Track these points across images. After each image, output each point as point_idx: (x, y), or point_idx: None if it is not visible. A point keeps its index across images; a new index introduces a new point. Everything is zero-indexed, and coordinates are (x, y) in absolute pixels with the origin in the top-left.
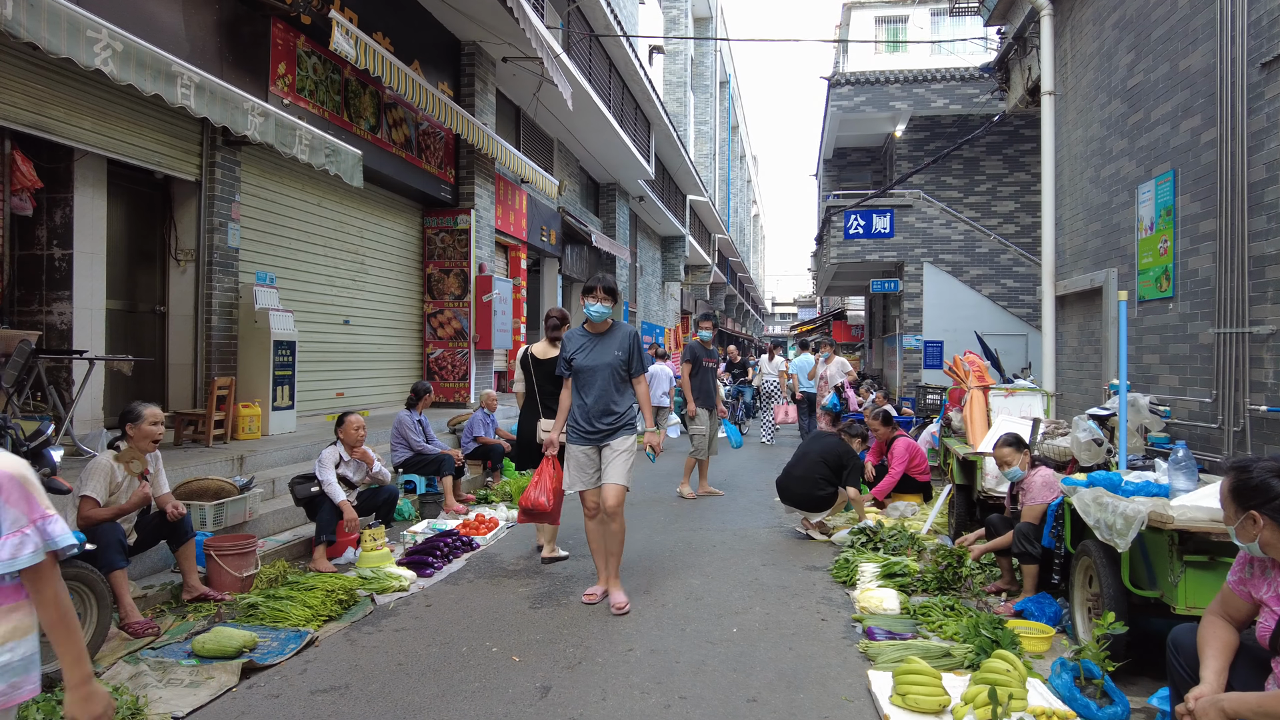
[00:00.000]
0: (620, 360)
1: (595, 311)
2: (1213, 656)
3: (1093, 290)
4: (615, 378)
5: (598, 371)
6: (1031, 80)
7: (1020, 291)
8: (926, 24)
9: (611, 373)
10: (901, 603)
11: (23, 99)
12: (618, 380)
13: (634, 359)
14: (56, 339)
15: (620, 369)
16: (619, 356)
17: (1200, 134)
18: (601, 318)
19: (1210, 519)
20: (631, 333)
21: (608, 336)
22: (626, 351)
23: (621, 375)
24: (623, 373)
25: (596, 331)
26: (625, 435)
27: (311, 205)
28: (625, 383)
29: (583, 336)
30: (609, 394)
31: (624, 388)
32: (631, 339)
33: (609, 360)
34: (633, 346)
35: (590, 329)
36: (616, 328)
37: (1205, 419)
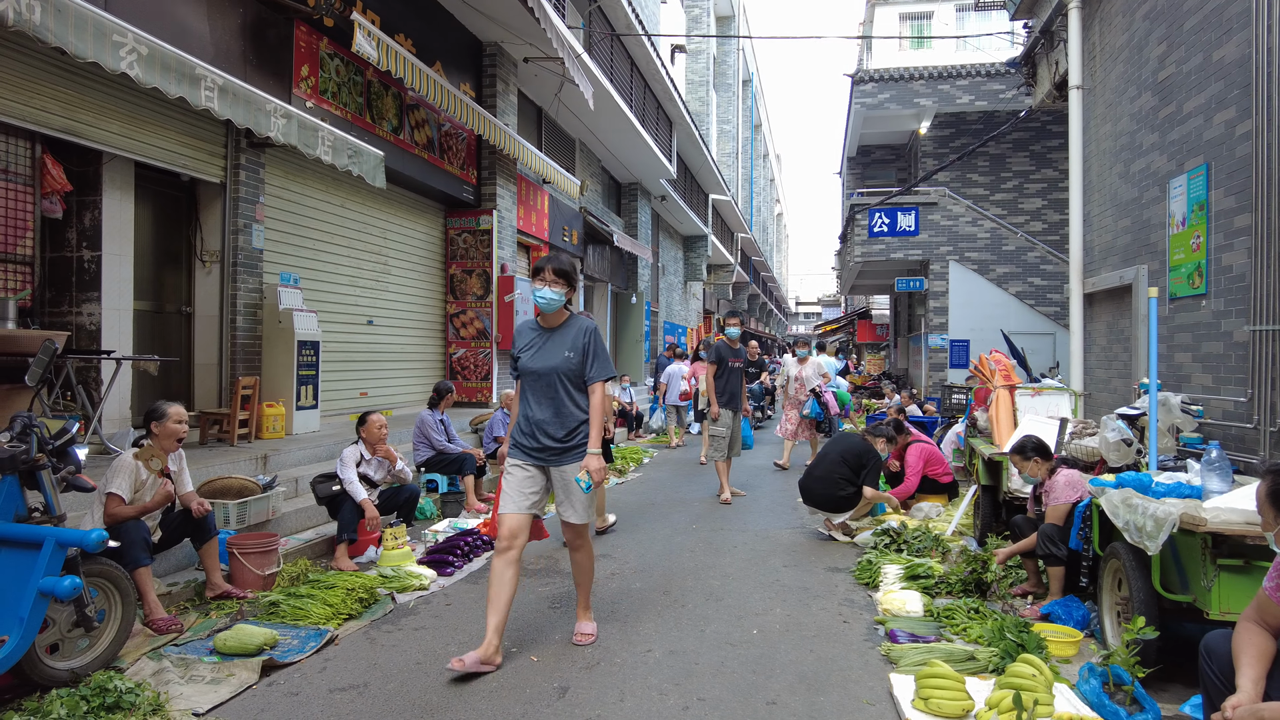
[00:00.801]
0: (572, 364)
1: (543, 298)
2: (1249, 664)
3: (1122, 288)
4: (567, 384)
5: (543, 376)
6: (1059, 75)
7: (1048, 290)
8: (951, 20)
9: (560, 378)
10: (925, 605)
11: (53, 104)
12: (569, 387)
13: (591, 360)
14: (86, 339)
15: (571, 373)
16: (570, 359)
17: (1235, 126)
18: (551, 306)
19: (1245, 522)
20: (588, 328)
21: (560, 332)
22: (581, 351)
23: (574, 381)
24: (574, 378)
25: (548, 325)
26: (582, 460)
27: (335, 206)
28: (583, 390)
29: (532, 331)
30: (559, 404)
31: (582, 397)
32: (588, 336)
33: (557, 363)
34: (589, 345)
35: (542, 322)
36: (572, 322)
37: (1240, 419)
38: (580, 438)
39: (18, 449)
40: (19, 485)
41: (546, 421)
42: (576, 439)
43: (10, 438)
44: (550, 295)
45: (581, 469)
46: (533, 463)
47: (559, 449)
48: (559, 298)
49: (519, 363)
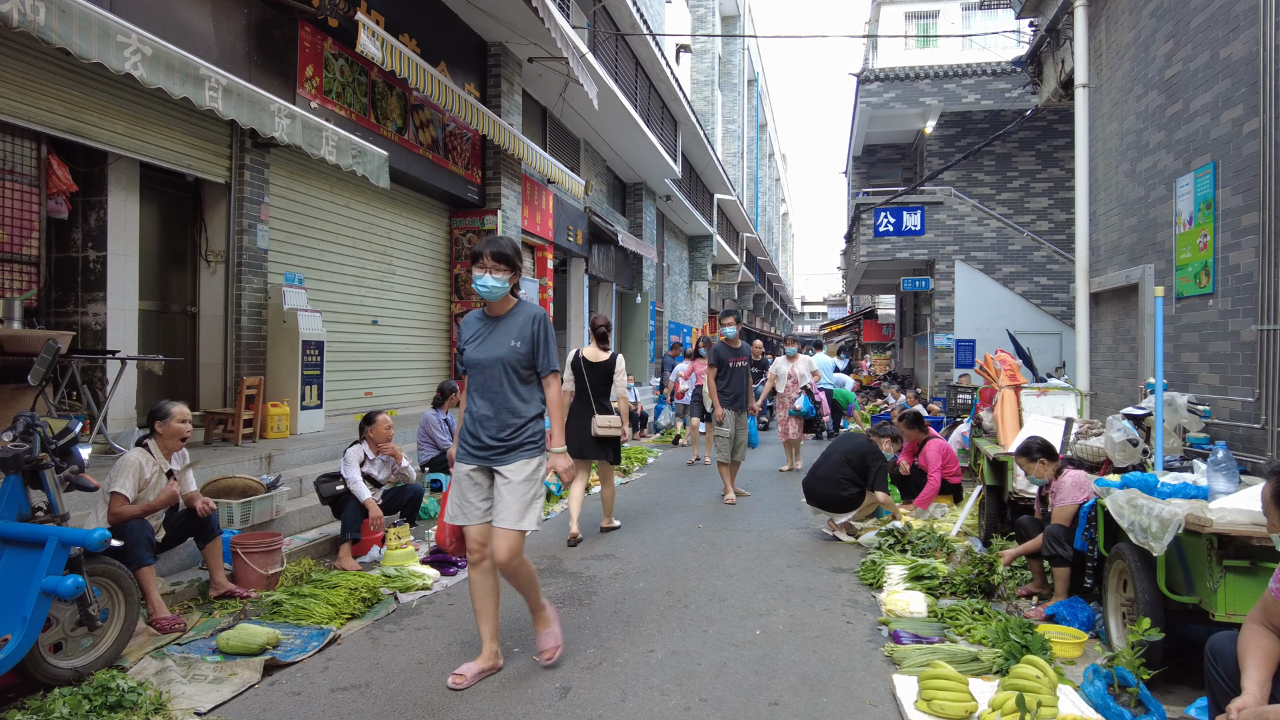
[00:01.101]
0: (519, 353)
1: (483, 287)
2: (1255, 666)
3: (1128, 287)
4: (511, 376)
5: (487, 368)
6: (1065, 73)
7: (1054, 289)
8: (958, 19)
9: (505, 369)
10: (929, 605)
11: (58, 104)
12: (515, 379)
13: (540, 351)
14: (91, 339)
15: (519, 365)
16: (516, 348)
17: (1242, 124)
18: (494, 295)
19: (1252, 522)
20: (536, 316)
21: (506, 321)
22: (528, 341)
23: (521, 373)
24: (521, 370)
25: (494, 314)
26: (526, 457)
27: (339, 206)
28: (529, 383)
29: (478, 321)
30: (503, 398)
31: (527, 391)
32: (537, 324)
33: (502, 353)
34: (538, 334)
35: (488, 311)
36: (519, 310)
37: (1247, 419)
38: (525, 435)
39: (21, 448)
40: (22, 484)
41: (487, 418)
42: (520, 437)
43: (13, 437)
44: (491, 283)
45: (550, 470)
46: (476, 465)
47: (500, 448)
48: (501, 285)
49: (463, 355)
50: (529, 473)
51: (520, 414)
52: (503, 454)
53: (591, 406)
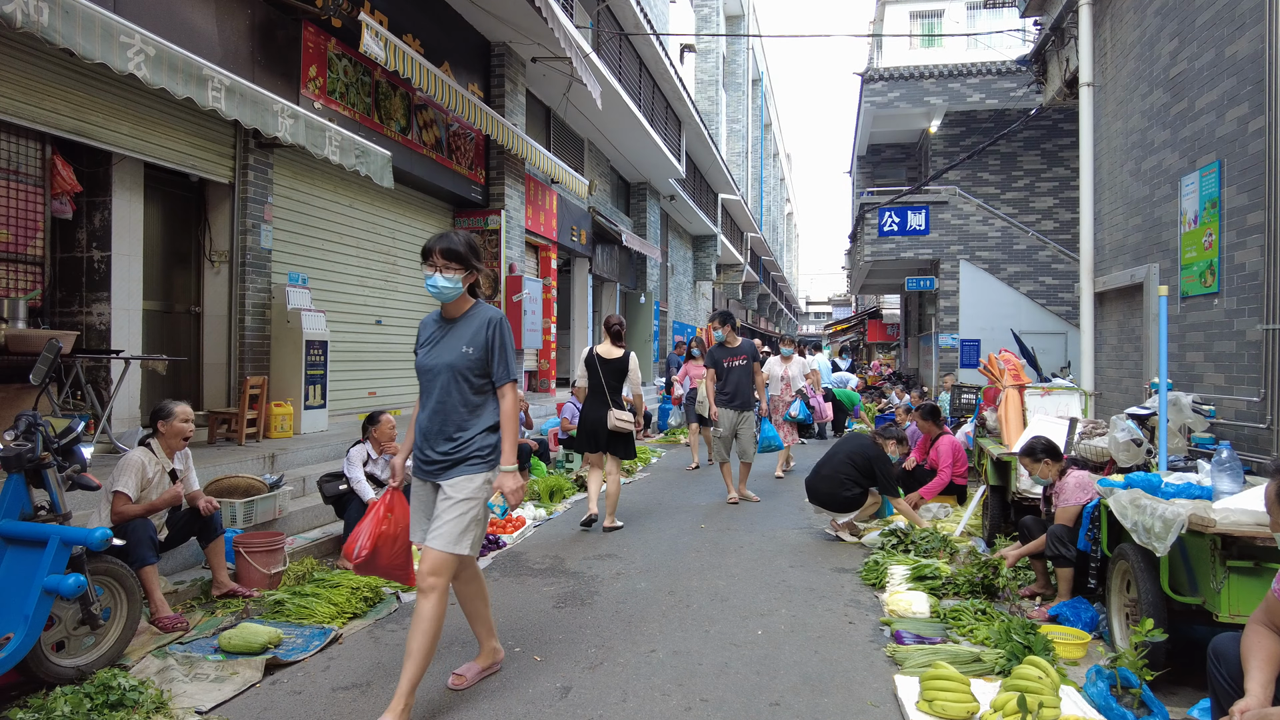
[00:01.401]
0: (470, 360)
1: (433, 288)
2: (1258, 668)
3: (1133, 286)
4: (462, 385)
5: (436, 375)
6: (1069, 72)
7: (1059, 289)
8: (962, 18)
9: (455, 377)
10: (931, 606)
11: (63, 105)
12: (465, 388)
13: (495, 358)
14: (95, 339)
15: (470, 373)
16: (468, 355)
17: (1248, 123)
18: (445, 295)
19: (1255, 523)
20: (493, 320)
21: (461, 324)
22: (483, 347)
23: (472, 382)
24: (474, 379)
25: (449, 317)
26: (470, 473)
27: (343, 206)
28: (482, 394)
29: (433, 323)
30: (450, 408)
31: (478, 401)
32: (493, 329)
33: (452, 358)
34: (493, 340)
35: (444, 313)
36: (475, 313)
37: (1253, 419)
38: (471, 449)
39: (23, 447)
40: (24, 483)
41: (434, 429)
42: (464, 450)
43: (15, 436)
44: (441, 284)
45: (495, 489)
46: (425, 479)
47: (444, 462)
48: (453, 285)
49: (416, 360)
50: (471, 490)
51: (466, 426)
52: (446, 468)
53: (606, 401)
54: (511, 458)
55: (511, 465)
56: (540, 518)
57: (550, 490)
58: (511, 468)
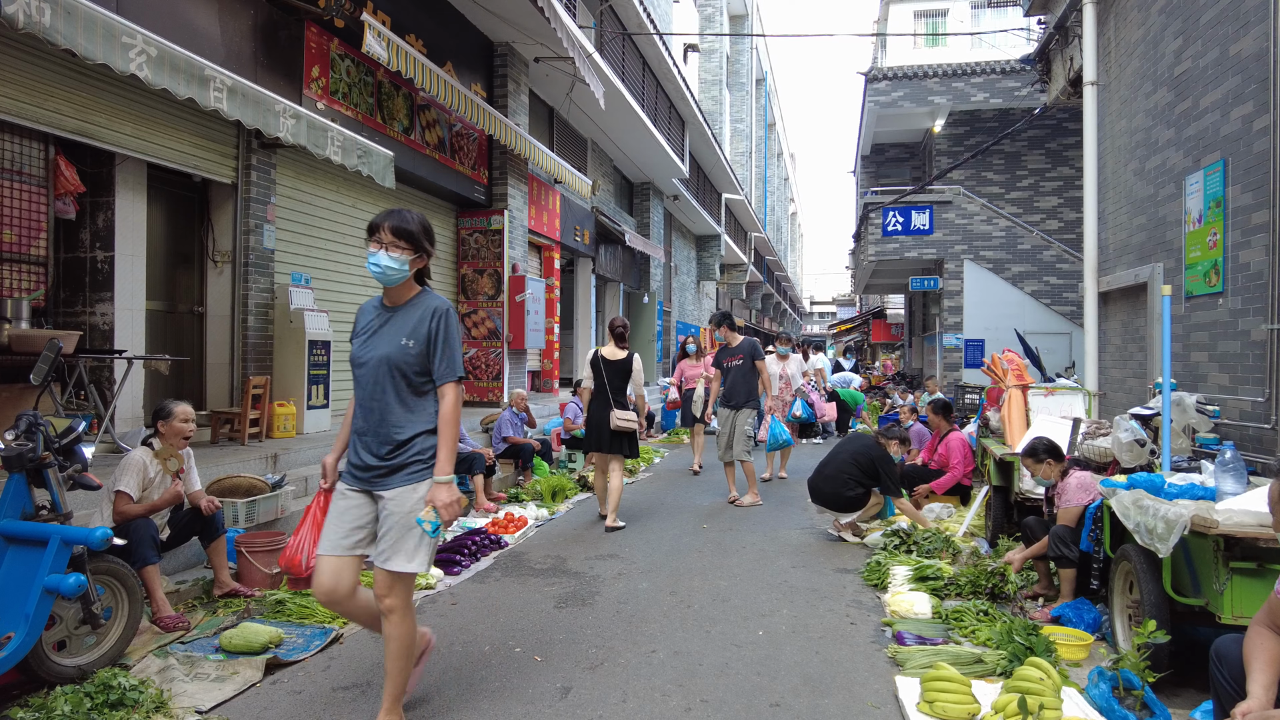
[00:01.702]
0: (409, 354)
1: (376, 267)
2: (1260, 669)
3: (1137, 286)
4: (399, 381)
5: (371, 369)
6: (1073, 71)
7: (1064, 289)
8: (966, 17)
9: (392, 372)
10: (933, 607)
11: (66, 106)
12: (403, 386)
13: (437, 353)
14: (99, 339)
15: (409, 368)
16: (407, 348)
17: (1252, 121)
18: (389, 277)
19: (1258, 524)
20: (438, 310)
21: (403, 313)
22: (425, 340)
23: (411, 380)
24: (413, 375)
25: (392, 304)
26: (412, 483)
27: (346, 207)
28: (423, 394)
29: (373, 311)
30: (385, 408)
31: (418, 401)
32: (437, 320)
33: (389, 351)
34: (435, 332)
35: (385, 300)
36: (419, 301)
37: (1257, 419)
38: (411, 454)
39: (24, 447)
40: (26, 483)
41: (369, 431)
42: (402, 456)
43: (16, 436)
44: (386, 263)
45: (428, 505)
46: (357, 487)
47: (382, 469)
48: (399, 266)
49: (351, 351)
50: (416, 502)
51: (403, 428)
52: (384, 476)
53: (609, 402)
54: (447, 467)
55: (446, 476)
56: (542, 518)
57: (553, 490)
58: (447, 478)
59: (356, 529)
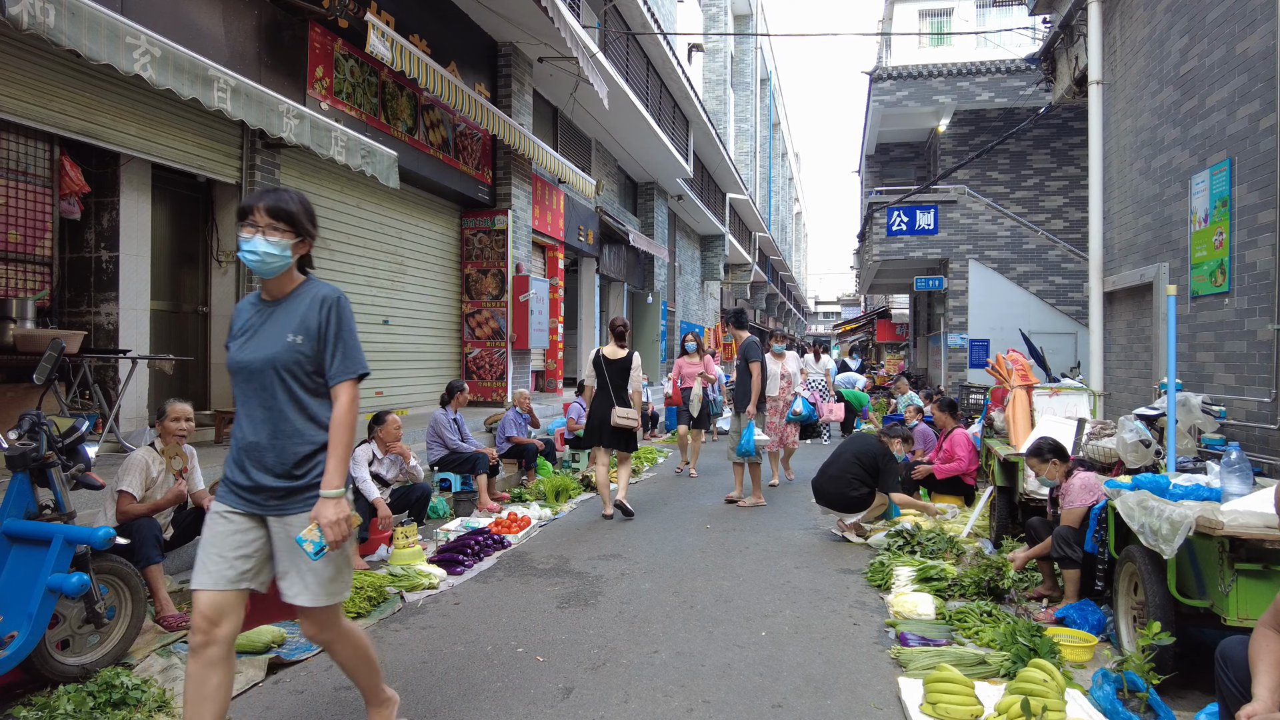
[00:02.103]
0: (299, 351)
1: (252, 255)
2: (1265, 672)
3: (1142, 286)
4: (291, 385)
5: (255, 374)
6: (1079, 70)
7: (1069, 289)
8: (971, 16)
9: (280, 375)
10: (937, 608)
11: (71, 106)
12: (298, 389)
13: (329, 348)
14: (104, 339)
15: (301, 369)
16: (295, 345)
17: (1259, 120)
18: (266, 266)
19: (1264, 525)
20: (327, 299)
21: (286, 306)
22: (314, 335)
23: (304, 382)
24: (305, 377)
25: (272, 297)
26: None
27: (350, 207)
28: (319, 395)
29: (251, 308)
30: (278, 417)
31: (317, 406)
32: (327, 310)
33: (275, 351)
34: (326, 324)
35: (264, 293)
36: (304, 291)
37: (1264, 420)
38: (317, 473)
39: (28, 446)
40: (29, 482)
41: (261, 446)
42: (309, 474)
43: (19, 435)
44: (264, 249)
45: (312, 524)
46: (244, 509)
47: (281, 489)
48: (279, 252)
49: (228, 357)
50: (328, 523)
51: (311, 439)
52: (282, 498)
53: (611, 399)
54: (336, 480)
55: (335, 490)
56: (546, 517)
57: (556, 490)
58: (336, 493)
59: (243, 557)
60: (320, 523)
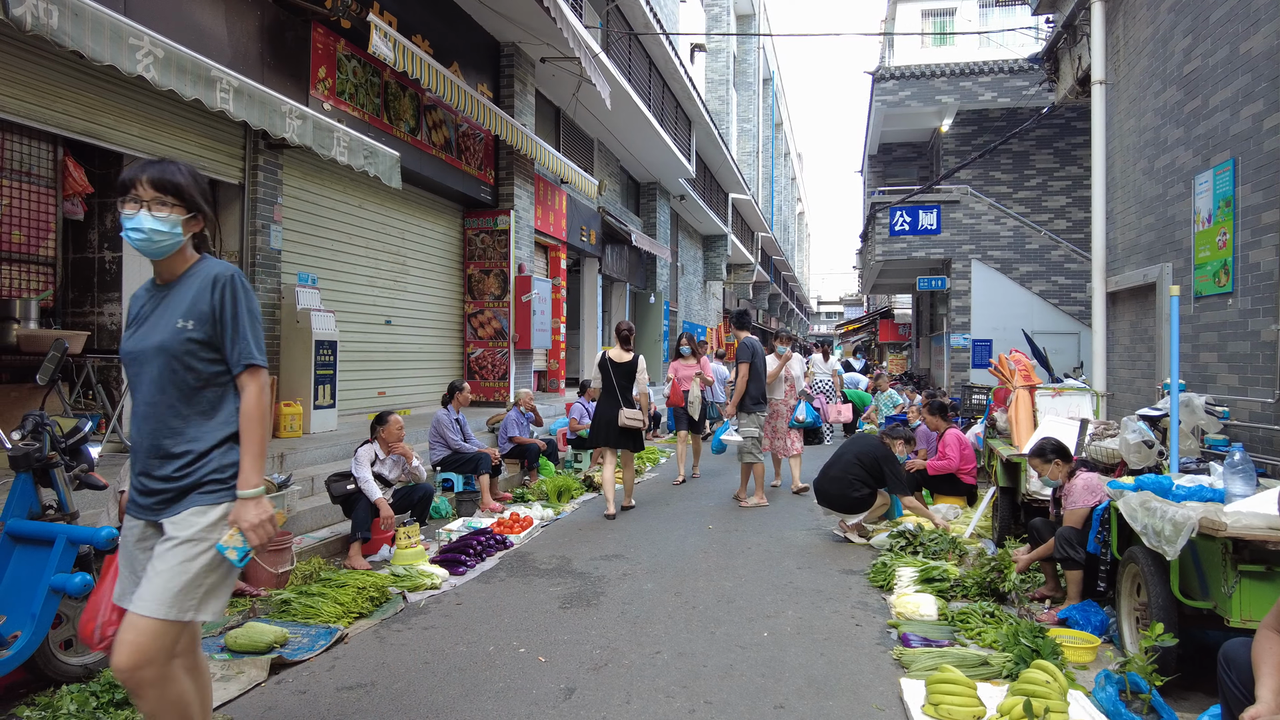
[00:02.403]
0: (188, 339)
1: (136, 233)
2: (1269, 674)
3: (1146, 286)
4: (182, 376)
5: (145, 362)
6: (1082, 69)
7: (1072, 289)
8: (974, 16)
9: (170, 365)
10: (939, 608)
11: (74, 107)
12: (188, 381)
13: (226, 332)
14: (107, 339)
15: (191, 357)
16: (185, 331)
17: (1263, 120)
18: (152, 246)
19: (1268, 526)
20: (220, 278)
21: (176, 291)
22: (205, 319)
23: (197, 370)
24: (199, 364)
25: (164, 281)
26: (202, 504)
27: (353, 207)
28: (213, 386)
29: (145, 295)
30: (170, 412)
31: (211, 399)
32: (221, 290)
33: (163, 338)
34: (221, 307)
35: (157, 278)
36: (197, 271)
37: (1267, 420)
38: (205, 472)
39: (30, 446)
40: (32, 483)
41: (146, 447)
42: (195, 474)
43: (22, 436)
44: (151, 225)
45: (231, 525)
46: (142, 518)
47: (165, 492)
48: (168, 229)
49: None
50: (201, 527)
51: (193, 438)
52: (171, 500)
53: (618, 400)
54: (254, 478)
55: (254, 489)
56: (548, 518)
57: (558, 490)
58: (253, 492)
59: None
60: (241, 526)
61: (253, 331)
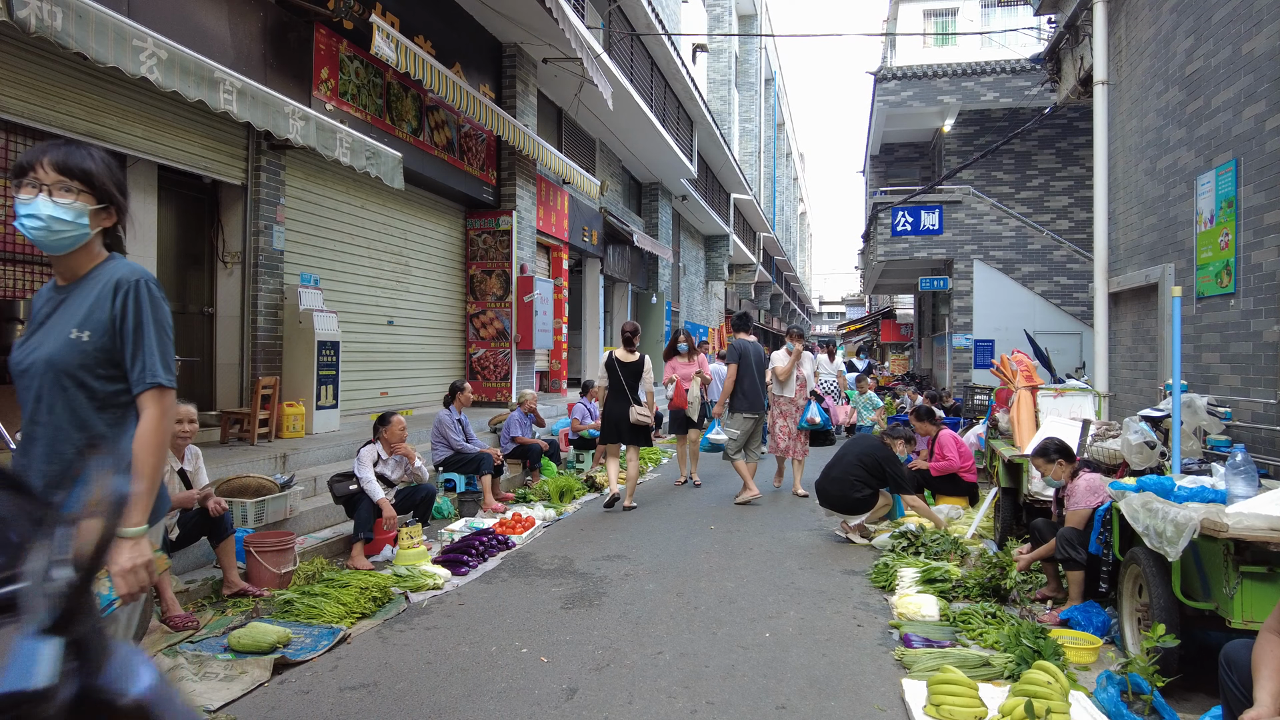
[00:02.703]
0: (83, 352)
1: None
2: (1269, 676)
3: (1148, 287)
4: (74, 394)
5: (35, 376)
6: (1084, 70)
7: (1074, 289)
8: (976, 16)
9: (61, 381)
10: (941, 609)
11: (77, 108)
12: (80, 400)
13: (128, 345)
14: None
15: (86, 372)
16: (80, 343)
17: (1265, 120)
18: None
19: (1270, 528)
20: (123, 281)
21: (77, 293)
22: (102, 329)
23: (92, 388)
24: (94, 381)
25: (66, 281)
26: None
27: (355, 208)
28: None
29: (44, 296)
30: (58, 435)
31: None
32: (123, 296)
33: (52, 351)
34: (123, 315)
35: (59, 277)
36: (100, 272)
37: (1270, 421)
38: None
39: None
40: None
41: (38, 471)
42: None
43: None
44: (50, 212)
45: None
46: None
47: None
48: (72, 219)
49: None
50: None
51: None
52: None
53: (627, 399)
54: (138, 515)
55: (136, 528)
56: (550, 518)
57: (560, 490)
58: (136, 531)
59: None
60: (110, 570)
61: (160, 346)
